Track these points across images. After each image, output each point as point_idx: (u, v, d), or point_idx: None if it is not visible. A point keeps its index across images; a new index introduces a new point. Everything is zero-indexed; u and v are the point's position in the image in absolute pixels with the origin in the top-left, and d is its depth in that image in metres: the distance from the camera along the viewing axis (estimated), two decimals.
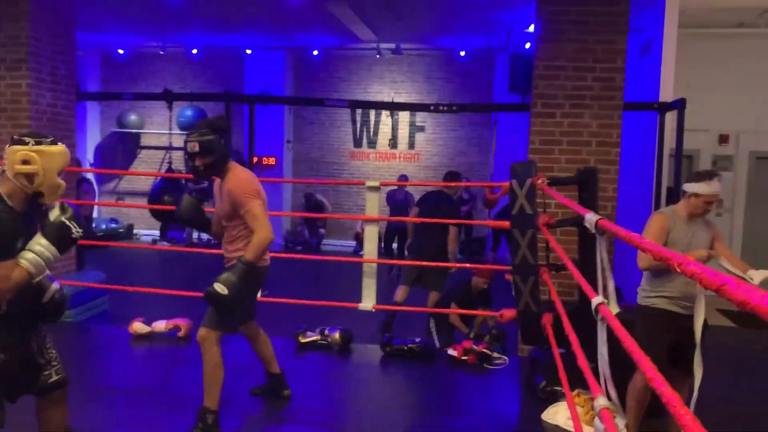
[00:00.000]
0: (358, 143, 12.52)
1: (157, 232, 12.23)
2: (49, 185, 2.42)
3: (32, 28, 5.78)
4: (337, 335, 5.17)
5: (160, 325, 5.33)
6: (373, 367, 4.98)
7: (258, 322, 3.84)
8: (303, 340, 5.19)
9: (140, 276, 9.08)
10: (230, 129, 3.53)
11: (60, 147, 2.48)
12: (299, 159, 12.64)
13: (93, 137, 13.05)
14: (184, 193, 3.93)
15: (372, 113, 12.41)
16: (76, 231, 2.43)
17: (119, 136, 12.87)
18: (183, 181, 9.23)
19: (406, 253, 7.65)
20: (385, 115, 12.38)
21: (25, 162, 2.37)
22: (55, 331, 5.48)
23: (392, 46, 11.32)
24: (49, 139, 2.46)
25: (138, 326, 5.29)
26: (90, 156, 12.89)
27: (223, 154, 3.37)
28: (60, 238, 2.40)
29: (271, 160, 11.97)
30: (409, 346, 5.03)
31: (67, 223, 2.41)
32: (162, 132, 12.58)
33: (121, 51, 12.14)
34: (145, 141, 13.16)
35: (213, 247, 10.70)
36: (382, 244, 9.06)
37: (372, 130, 12.45)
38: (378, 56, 11.78)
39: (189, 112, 11.98)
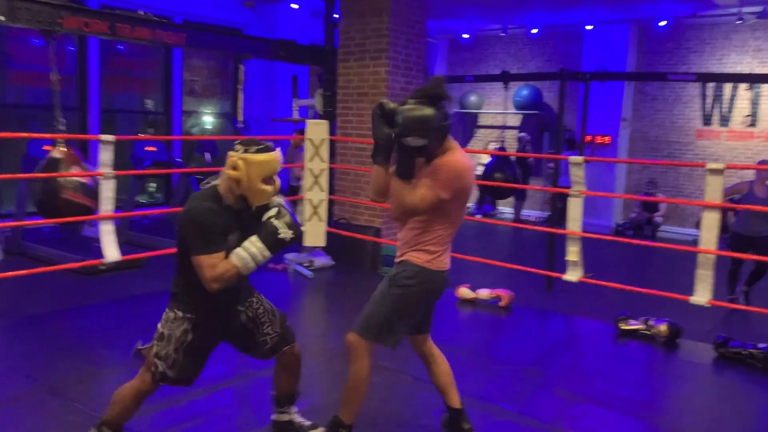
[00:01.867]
0: (707, 120, 11.22)
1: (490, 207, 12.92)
2: (252, 191, 2.52)
3: (392, 21, 6.56)
4: (663, 327, 4.84)
5: (484, 293, 5.68)
6: (703, 367, 4.53)
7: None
8: (624, 327, 4.98)
9: (466, 245, 9.73)
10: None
11: (265, 155, 2.52)
12: (636, 138, 11.89)
13: None
14: None
15: (728, 87, 10.96)
16: (287, 235, 2.52)
17: (460, 116, 13.81)
18: (513, 159, 9.50)
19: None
20: (743, 89, 10.82)
21: (233, 167, 2.51)
22: None
23: (758, 9, 9.80)
24: (257, 147, 2.52)
25: (464, 291, 5.74)
26: None
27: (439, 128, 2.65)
28: (271, 240, 2.50)
29: (606, 139, 11.52)
30: (751, 350, 4.44)
31: (279, 227, 2.51)
32: (497, 112, 13.10)
33: (465, 35, 12.93)
34: (482, 120, 13.87)
35: (538, 225, 10.87)
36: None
37: (726, 106, 11.02)
38: (739, 22, 10.32)
39: (524, 92, 12.24)
